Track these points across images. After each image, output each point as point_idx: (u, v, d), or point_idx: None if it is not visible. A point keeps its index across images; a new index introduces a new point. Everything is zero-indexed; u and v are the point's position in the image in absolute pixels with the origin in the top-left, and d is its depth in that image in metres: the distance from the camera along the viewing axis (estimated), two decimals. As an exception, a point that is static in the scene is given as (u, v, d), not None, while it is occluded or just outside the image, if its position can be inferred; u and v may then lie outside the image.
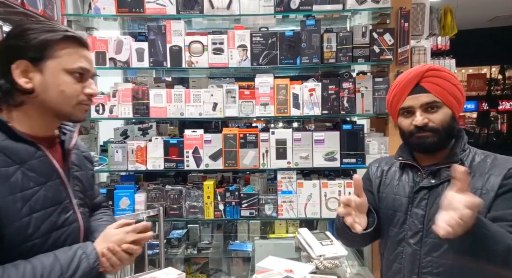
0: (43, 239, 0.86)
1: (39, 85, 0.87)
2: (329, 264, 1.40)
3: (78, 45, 0.91)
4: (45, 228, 0.86)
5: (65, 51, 0.88)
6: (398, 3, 2.04)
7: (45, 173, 0.89)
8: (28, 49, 0.85)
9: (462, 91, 1.09)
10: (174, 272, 1.25)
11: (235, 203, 2.08)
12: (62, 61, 0.88)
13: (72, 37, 0.90)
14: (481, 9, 4.34)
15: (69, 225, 0.92)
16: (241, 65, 2.05)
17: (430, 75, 1.07)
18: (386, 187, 1.21)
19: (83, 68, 0.91)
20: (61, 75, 0.88)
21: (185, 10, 2.03)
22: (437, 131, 1.06)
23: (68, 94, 0.89)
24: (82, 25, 2.27)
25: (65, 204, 0.92)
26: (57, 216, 0.89)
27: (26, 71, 0.86)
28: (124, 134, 2.29)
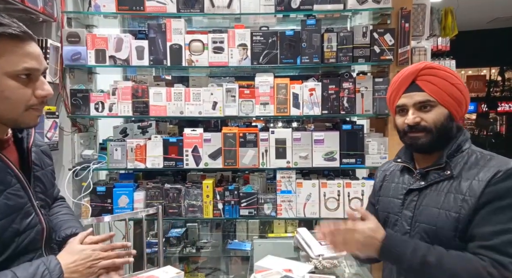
0: (5, 246, 0.81)
1: None
2: (328, 264, 1.40)
3: (19, 42, 0.78)
4: (8, 236, 0.81)
5: (4, 52, 0.76)
6: (399, 3, 2.04)
7: (3, 180, 0.82)
8: None
9: (463, 90, 1.04)
10: (172, 271, 1.25)
11: (234, 202, 2.08)
12: (2, 65, 0.76)
13: (10, 34, 0.76)
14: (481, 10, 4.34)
15: (32, 229, 0.87)
16: (241, 64, 2.05)
17: (425, 73, 1.04)
18: (384, 190, 1.21)
19: (28, 68, 0.79)
20: (3, 80, 0.76)
21: (186, 9, 2.03)
22: (430, 131, 1.03)
23: (14, 101, 0.78)
24: (82, 23, 2.26)
25: (26, 209, 0.86)
26: (19, 222, 0.84)
27: None
28: (124, 133, 2.29)
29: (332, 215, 2.07)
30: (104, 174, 2.38)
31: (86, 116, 2.11)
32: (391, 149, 2.08)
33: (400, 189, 1.14)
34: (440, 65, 1.07)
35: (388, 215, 1.15)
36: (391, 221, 1.14)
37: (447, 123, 1.03)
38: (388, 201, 1.17)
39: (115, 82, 2.11)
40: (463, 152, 1.04)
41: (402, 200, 1.11)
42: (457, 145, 1.04)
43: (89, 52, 2.04)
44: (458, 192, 0.98)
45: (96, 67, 2.17)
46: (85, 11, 2.16)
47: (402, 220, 1.09)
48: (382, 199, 1.21)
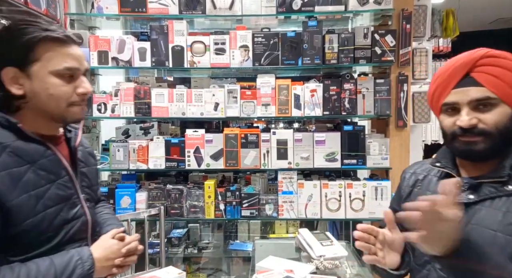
0: (56, 232, 0.89)
1: (29, 91, 0.86)
2: (329, 265, 1.40)
3: (60, 44, 0.87)
4: (57, 223, 0.89)
5: (48, 53, 0.85)
6: (400, 4, 2.04)
7: (55, 171, 0.91)
8: (12, 55, 0.84)
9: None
10: (174, 271, 1.25)
11: (235, 202, 2.08)
12: (46, 64, 0.85)
13: (53, 38, 0.86)
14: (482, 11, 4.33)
15: (78, 219, 0.95)
16: (243, 65, 2.06)
17: (485, 63, 0.84)
18: (415, 198, 0.97)
19: (69, 67, 0.88)
20: (48, 78, 0.86)
21: (188, 10, 2.04)
22: (490, 135, 0.83)
23: (57, 97, 0.87)
24: (85, 25, 2.28)
25: (73, 200, 0.95)
26: (67, 211, 0.92)
27: (15, 77, 0.85)
28: (126, 134, 2.30)
29: (334, 216, 2.08)
30: (106, 174, 2.39)
31: (88, 117, 2.12)
32: (392, 150, 2.08)
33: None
34: (502, 52, 0.85)
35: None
36: None
37: (510, 125, 0.83)
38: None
39: (118, 83, 2.13)
40: None
41: None
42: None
43: (92, 54, 2.05)
44: (509, 223, 0.80)
45: (98, 68, 2.18)
46: (88, 13, 2.17)
47: None
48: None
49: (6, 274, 0.79)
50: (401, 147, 2.09)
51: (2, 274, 0.79)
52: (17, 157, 0.84)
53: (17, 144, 0.85)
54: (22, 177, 0.84)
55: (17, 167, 0.83)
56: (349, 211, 2.06)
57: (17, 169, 0.83)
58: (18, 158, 0.84)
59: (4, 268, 0.80)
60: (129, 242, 1.00)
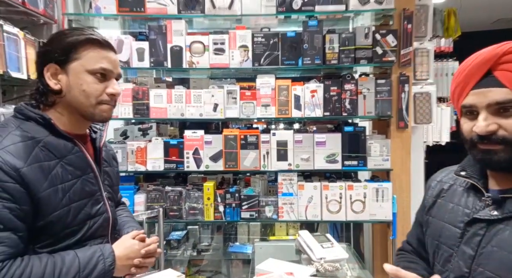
0: (80, 226, 0.94)
1: (65, 86, 0.94)
2: (330, 267, 1.38)
3: (100, 47, 0.95)
4: (81, 217, 0.94)
5: (87, 53, 0.94)
6: (401, 4, 2.02)
7: (81, 167, 0.97)
8: (55, 53, 0.92)
9: None
10: (173, 274, 1.24)
11: (235, 204, 2.06)
12: (84, 62, 0.93)
13: (95, 40, 0.95)
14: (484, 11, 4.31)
15: (100, 215, 1.00)
16: (242, 65, 2.04)
17: (510, 60, 0.73)
18: (438, 209, 0.92)
19: (104, 68, 0.95)
20: (83, 75, 0.94)
21: (186, 10, 2.02)
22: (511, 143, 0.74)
23: (88, 93, 0.94)
24: (83, 25, 2.26)
25: (97, 196, 1.00)
26: (91, 206, 0.97)
27: (55, 73, 0.94)
28: (124, 135, 2.28)
29: (334, 218, 2.06)
30: (105, 176, 2.37)
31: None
32: (393, 151, 2.06)
33: (461, 214, 0.84)
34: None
35: (439, 245, 0.88)
36: (443, 255, 0.86)
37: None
38: (442, 226, 0.88)
39: (116, 84, 2.11)
40: None
41: (462, 230, 0.82)
42: None
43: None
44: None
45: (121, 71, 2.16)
46: (86, 13, 2.16)
47: (459, 258, 0.81)
48: (433, 221, 0.92)
49: (35, 263, 0.84)
50: (402, 148, 2.07)
51: (31, 263, 0.84)
52: (48, 151, 0.90)
53: (49, 139, 0.91)
54: (51, 171, 0.89)
55: (47, 160, 0.89)
56: (349, 212, 2.04)
57: (47, 162, 0.89)
58: (49, 152, 0.90)
59: (33, 258, 0.86)
60: (149, 244, 1.04)
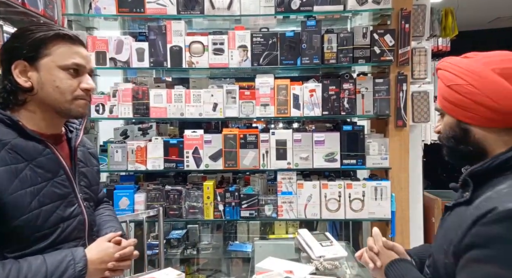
0: (52, 229, 0.91)
1: (36, 83, 0.91)
2: (329, 265, 1.40)
3: (71, 43, 0.93)
4: (53, 220, 0.91)
5: (58, 48, 0.91)
6: (399, 4, 2.04)
7: (52, 170, 0.93)
8: (23, 49, 0.89)
9: (465, 92, 0.78)
10: (173, 273, 1.25)
11: (235, 203, 2.07)
12: (55, 58, 0.91)
13: (65, 35, 0.92)
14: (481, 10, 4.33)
15: (75, 218, 0.97)
16: (241, 65, 2.05)
17: (438, 75, 0.88)
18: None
19: (77, 64, 0.93)
20: (55, 71, 0.91)
21: (186, 10, 2.03)
22: (443, 141, 0.88)
23: (63, 90, 0.92)
24: (83, 25, 2.27)
25: (70, 198, 0.96)
26: (64, 209, 0.94)
27: (24, 71, 0.90)
28: (124, 134, 2.29)
29: (333, 216, 2.07)
30: (104, 175, 2.38)
31: (88, 118, 2.11)
32: (391, 150, 2.07)
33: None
34: (446, 60, 0.86)
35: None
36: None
37: (454, 134, 0.83)
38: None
39: (116, 84, 2.12)
40: (499, 177, 0.76)
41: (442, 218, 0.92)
42: (498, 161, 0.76)
43: (90, 55, 2.04)
44: (458, 222, 0.77)
45: (96, 69, 2.17)
46: (86, 14, 2.16)
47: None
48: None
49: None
50: (400, 146, 2.08)
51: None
52: (15, 154, 0.87)
53: (17, 141, 0.88)
54: (19, 174, 0.86)
55: (15, 163, 0.86)
56: (348, 211, 2.05)
57: (14, 165, 0.86)
58: (17, 155, 0.87)
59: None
60: (124, 247, 0.99)
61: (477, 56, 0.80)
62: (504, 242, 0.66)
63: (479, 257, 0.68)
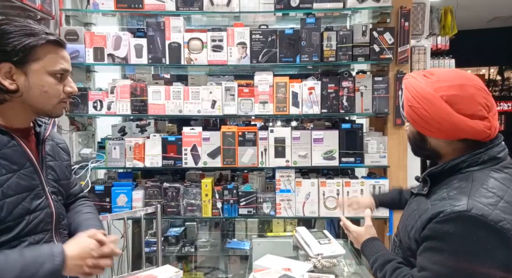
0: (16, 222, 0.90)
1: (23, 86, 0.91)
2: (327, 263, 1.40)
3: (58, 47, 0.95)
4: (17, 212, 0.90)
5: (48, 54, 0.93)
6: (398, 2, 2.03)
7: (18, 161, 0.93)
8: (12, 54, 0.89)
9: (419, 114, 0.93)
10: (171, 270, 1.25)
11: (233, 201, 2.07)
12: (45, 64, 0.92)
13: (55, 41, 0.94)
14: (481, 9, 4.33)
15: (42, 210, 0.96)
16: (240, 62, 2.04)
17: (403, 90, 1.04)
18: None
19: (63, 69, 0.96)
20: (44, 77, 0.93)
21: (185, 7, 2.02)
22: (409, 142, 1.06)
23: (50, 95, 0.94)
24: (80, 21, 2.25)
25: (37, 191, 0.96)
26: (30, 201, 0.94)
27: (9, 72, 0.90)
28: (122, 131, 2.28)
29: (332, 214, 2.07)
30: (102, 172, 2.37)
31: (84, 114, 2.10)
32: (390, 148, 2.07)
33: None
34: (411, 81, 0.99)
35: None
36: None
37: (415, 140, 1.01)
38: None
39: (114, 80, 2.10)
40: (463, 174, 0.91)
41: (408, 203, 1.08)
42: (451, 164, 0.92)
43: (88, 50, 2.03)
44: (418, 212, 0.94)
45: (94, 65, 2.16)
46: (84, 9, 2.15)
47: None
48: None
49: None
50: (399, 145, 2.08)
51: None
52: None
53: None
54: None
55: None
56: (347, 209, 2.05)
57: None
58: None
59: None
60: (105, 243, 0.97)
61: (432, 77, 0.94)
62: (453, 237, 0.82)
63: (434, 246, 0.86)
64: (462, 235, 0.81)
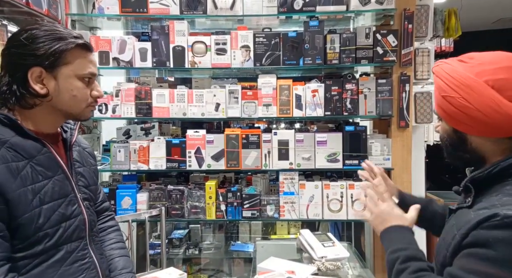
0: (54, 229, 0.90)
1: (53, 90, 0.92)
2: (331, 266, 1.40)
3: (87, 51, 0.96)
4: (55, 219, 0.90)
5: (77, 58, 0.94)
6: (402, 4, 2.03)
7: (51, 168, 0.93)
8: (43, 58, 0.89)
9: (458, 105, 0.77)
10: (175, 272, 1.25)
11: (237, 203, 2.08)
12: (74, 68, 0.93)
13: (83, 45, 0.95)
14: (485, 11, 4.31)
15: (76, 217, 0.96)
16: (244, 65, 2.05)
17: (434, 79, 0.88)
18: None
19: (91, 73, 0.97)
20: (73, 80, 0.94)
21: (189, 11, 2.03)
22: (442, 143, 0.88)
23: (79, 99, 0.95)
24: (86, 25, 2.28)
25: (71, 197, 0.96)
26: (65, 208, 0.94)
27: (39, 77, 0.90)
28: (127, 134, 2.29)
29: (335, 217, 2.07)
30: (107, 175, 2.39)
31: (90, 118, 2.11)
32: (394, 151, 2.07)
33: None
34: (443, 67, 0.84)
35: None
36: None
37: (451, 140, 0.84)
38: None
39: (118, 84, 2.12)
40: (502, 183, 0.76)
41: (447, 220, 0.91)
42: (501, 167, 0.75)
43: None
44: (444, 240, 0.80)
45: (99, 69, 2.17)
46: (89, 13, 2.17)
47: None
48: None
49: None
50: (403, 147, 2.08)
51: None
52: (15, 152, 0.87)
53: (15, 139, 0.88)
54: (20, 171, 0.86)
55: (15, 161, 0.86)
56: (351, 211, 2.05)
57: (15, 163, 0.86)
58: (16, 153, 0.87)
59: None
60: None
61: (472, 61, 0.78)
62: (503, 245, 0.67)
63: (476, 253, 0.70)
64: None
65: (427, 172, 2.38)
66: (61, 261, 0.91)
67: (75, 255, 0.94)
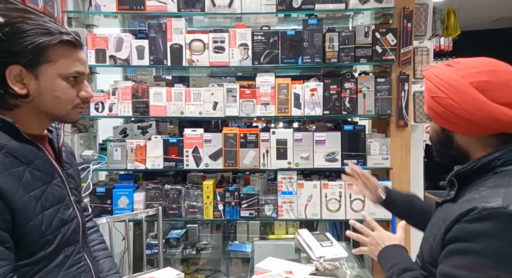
0: (54, 235, 0.87)
1: (34, 91, 0.84)
2: (329, 266, 1.39)
3: (73, 48, 0.88)
4: (55, 224, 0.88)
5: (61, 56, 0.85)
6: (401, 3, 2.02)
7: (49, 172, 0.90)
8: (23, 55, 0.81)
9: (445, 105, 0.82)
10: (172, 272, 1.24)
11: (234, 203, 2.06)
12: (57, 67, 0.85)
13: (69, 41, 0.86)
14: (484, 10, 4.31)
15: (72, 221, 0.94)
16: (242, 64, 2.04)
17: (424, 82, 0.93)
18: None
19: (78, 72, 0.88)
20: (56, 80, 0.86)
21: (186, 8, 2.02)
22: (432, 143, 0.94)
23: (63, 100, 0.88)
24: (82, 22, 2.25)
25: (66, 201, 0.94)
26: (63, 212, 0.91)
27: (19, 75, 0.83)
28: (124, 133, 2.28)
29: (334, 216, 2.06)
30: (104, 174, 2.37)
31: (86, 116, 2.10)
32: (393, 150, 2.06)
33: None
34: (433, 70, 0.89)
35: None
36: None
37: (439, 139, 0.90)
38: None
39: (115, 82, 2.10)
40: (497, 173, 0.79)
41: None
42: (482, 162, 0.80)
43: (89, 52, 2.03)
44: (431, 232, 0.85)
45: (96, 67, 2.16)
46: (86, 11, 2.15)
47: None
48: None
49: None
50: (402, 146, 2.07)
51: None
52: (13, 157, 0.81)
53: (11, 144, 0.82)
54: (21, 178, 0.81)
55: (15, 167, 0.81)
56: (349, 211, 2.04)
57: (15, 169, 0.81)
58: (14, 159, 0.82)
59: None
60: None
61: (458, 65, 0.84)
62: (484, 237, 0.72)
63: (460, 248, 0.75)
64: (495, 235, 0.70)
65: (426, 171, 2.37)
66: (60, 266, 0.89)
67: (72, 258, 0.92)
